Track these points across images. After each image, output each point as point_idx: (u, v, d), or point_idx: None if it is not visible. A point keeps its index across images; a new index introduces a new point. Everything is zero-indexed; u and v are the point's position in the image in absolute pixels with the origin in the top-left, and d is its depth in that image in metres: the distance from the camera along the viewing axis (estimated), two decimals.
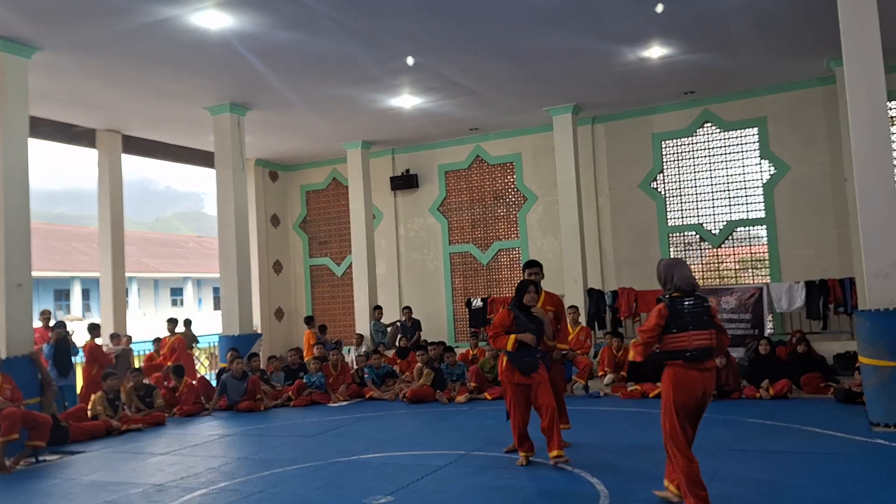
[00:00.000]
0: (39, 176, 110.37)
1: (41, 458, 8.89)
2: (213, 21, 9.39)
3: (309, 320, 16.15)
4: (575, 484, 6.52)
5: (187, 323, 15.66)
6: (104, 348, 13.18)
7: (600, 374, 12.50)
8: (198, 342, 15.99)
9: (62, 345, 11.73)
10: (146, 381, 11.97)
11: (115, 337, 13.74)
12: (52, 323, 12.58)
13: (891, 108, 12.36)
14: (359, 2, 9.08)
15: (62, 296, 37.54)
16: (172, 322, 14.93)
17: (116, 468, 8.31)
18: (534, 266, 8.15)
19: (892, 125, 12.40)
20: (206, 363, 18.55)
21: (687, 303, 5.52)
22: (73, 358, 12.14)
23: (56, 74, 11.07)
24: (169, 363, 13.58)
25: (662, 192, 14.81)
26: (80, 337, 13.01)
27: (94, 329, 13.06)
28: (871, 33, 8.27)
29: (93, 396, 11.05)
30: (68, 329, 12.07)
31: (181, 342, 14.51)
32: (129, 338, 14.15)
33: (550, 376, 7.74)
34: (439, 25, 10.06)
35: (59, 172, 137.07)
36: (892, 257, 8.13)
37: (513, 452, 7.67)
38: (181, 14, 9.17)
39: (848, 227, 12.54)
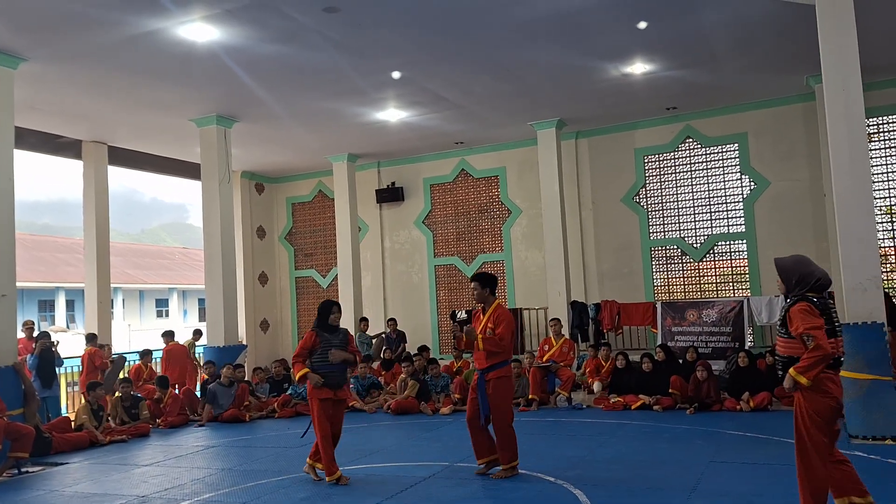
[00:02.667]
0: (25, 186, 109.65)
1: (24, 469, 8.86)
2: (201, 34, 9.45)
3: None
4: (558, 495, 6.58)
5: (197, 333, 15.59)
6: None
7: (589, 381, 12.55)
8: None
9: (46, 356, 11.68)
10: (134, 392, 11.95)
11: (101, 348, 13.69)
12: (35, 334, 12.53)
13: (869, 125, 12.56)
14: (345, 16, 9.16)
15: (46, 306, 37.27)
16: (169, 334, 14.85)
17: (100, 480, 8.29)
18: (473, 280, 7.75)
19: (871, 141, 12.61)
20: None
21: (831, 303, 5.06)
22: (56, 369, 12.08)
23: (42, 85, 11.09)
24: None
25: (645, 207, 14.95)
26: (64, 348, 12.94)
27: (91, 338, 13.11)
28: (849, 51, 8.42)
29: (77, 407, 11.02)
30: (52, 340, 12.03)
31: (177, 350, 14.46)
32: (109, 348, 14.07)
33: (491, 394, 7.26)
34: (425, 40, 10.17)
35: (44, 183, 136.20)
36: (871, 272, 8.26)
37: (484, 474, 7.41)
38: (168, 26, 9.22)
39: (827, 242, 12.70)
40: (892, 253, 12.90)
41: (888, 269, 12.83)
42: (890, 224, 12.90)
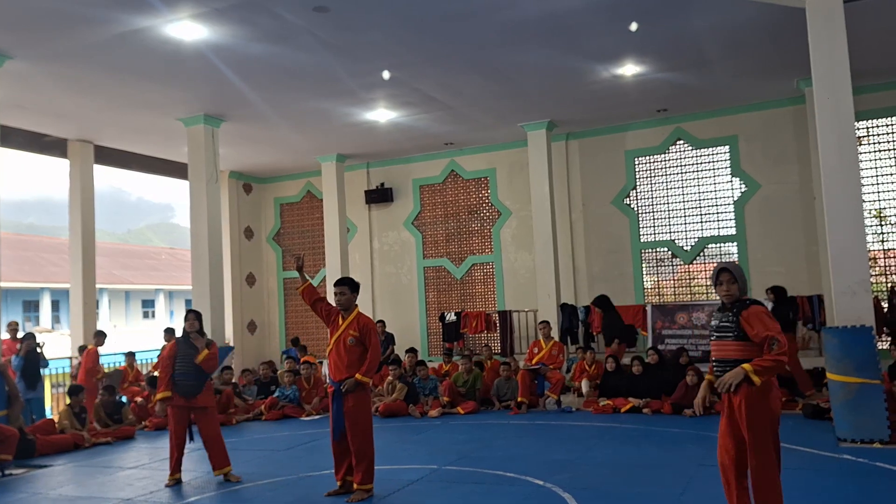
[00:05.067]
0: (10, 186, 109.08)
1: (7, 471, 8.76)
2: (189, 32, 9.36)
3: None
4: (547, 499, 6.54)
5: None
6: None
7: (576, 383, 12.53)
8: None
9: (31, 357, 11.56)
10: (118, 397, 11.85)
11: (84, 349, 13.56)
12: (20, 334, 12.41)
13: (859, 129, 12.60)
14: (335, 16, 9.10)
15: (31, 307, 37.01)
16: (170, 332, 14.62)
17: (84, 482, 8.21)
18: (340, 285, 7.17)
19: (860, 145, 12.64)
20: None
21: None
22: (41, 371, 11.96)
23: (28, 83, 10.96)
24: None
25: (635, 209, 14.94)
26: (50, 349, 12.82)
27: (100, 335, 13.06)
28: (839, 55, 8.42)
29: (59, 410, 10.92)
30: (38, 341, 11.91)
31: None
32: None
33: (351, 407, 6.79)
34: (415, 41, 10.12)
35: (30, 182, 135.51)
36: (860, 275, 8.26)
37: (334, 496, 6.96)
38: (156, 25, 9.13)
39: (817, 245, 12.72)
40: (881, 256, 12.94)
41: (877, 273, 12.86)
42: (879, 227, 12.93)
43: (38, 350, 11.79)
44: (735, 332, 4.89)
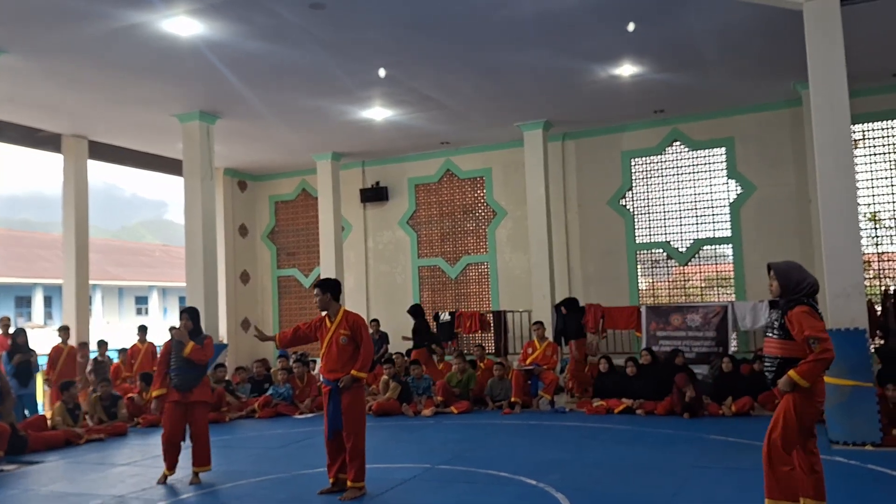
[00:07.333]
0: (3, 180, 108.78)
1: None
2: (184, 28, 9.32)
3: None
4: (540, 499, 6.53)
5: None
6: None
7: (569, 387, 12.54)
8: None
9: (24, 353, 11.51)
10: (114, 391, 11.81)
11: (81, 346, 13.51)
12: (11, 330, 12.34)
13: (854, 132, 12.59)
14: (331, 14, 9.08)
15: (23, 303, 36.90)
16: (143, 330, 14.58)
17: (76, 479, 8.17)
18: (315, 287, 7.21)
19: (856, 148, 12.66)
20: None
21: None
22: (33, 368, 11.90)
23: (22, 78, 10.91)
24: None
25: (631, 210, 14.93)
26: (41, 345, 12.77)
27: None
28: (836, 57, 8.43)
29: (53, 406, 10.88)
30: (25, 337, 11.83)
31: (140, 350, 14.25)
32: (86, 345, 13.84)
33: (347, 405, 6.82)
34: (412, 39, 10.09)
35: (23, 177, 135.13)
36: (854, 278, 8.28)
37: (327, 493, 6.95)
38: (151, 20, 9.09)
39: (811, 248, 12.72)
40: (876, 260, 12.96)
41: (871, 276, 12.88)
42: (873, 231, 12.95)
43: (31, 350, 11.71)
44: (779, 331, 5.06)
